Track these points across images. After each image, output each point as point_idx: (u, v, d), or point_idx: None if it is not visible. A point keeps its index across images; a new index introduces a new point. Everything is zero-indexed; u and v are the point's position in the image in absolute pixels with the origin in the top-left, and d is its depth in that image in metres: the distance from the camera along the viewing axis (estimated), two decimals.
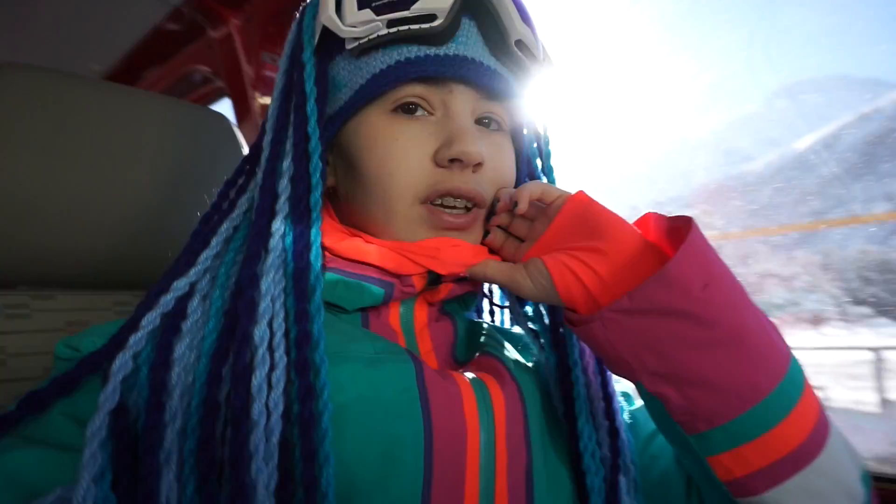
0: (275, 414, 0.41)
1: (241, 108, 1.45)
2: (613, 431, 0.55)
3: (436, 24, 0.51)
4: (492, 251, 0.59)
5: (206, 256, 0.52)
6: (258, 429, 0.39)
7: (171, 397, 0.42)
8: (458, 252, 0.54)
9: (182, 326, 0.46)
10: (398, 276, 0.53)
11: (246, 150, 0.86)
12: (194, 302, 0.48)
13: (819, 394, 0.48)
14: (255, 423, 0.39)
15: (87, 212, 0.70)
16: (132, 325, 0.47)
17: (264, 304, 0.44)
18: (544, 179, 0.63)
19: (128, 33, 1.44)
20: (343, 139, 0.56)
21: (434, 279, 0.54)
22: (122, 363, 0.44)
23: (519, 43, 0.55)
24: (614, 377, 0.57)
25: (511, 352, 0.59)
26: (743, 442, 0.44)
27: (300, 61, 0.54)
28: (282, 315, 0.45)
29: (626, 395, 0.65)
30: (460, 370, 0.54)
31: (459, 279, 0.56)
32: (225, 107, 1.52)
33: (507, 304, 0.68)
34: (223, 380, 0.43)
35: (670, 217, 0.50)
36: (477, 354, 0.58)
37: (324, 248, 0.52)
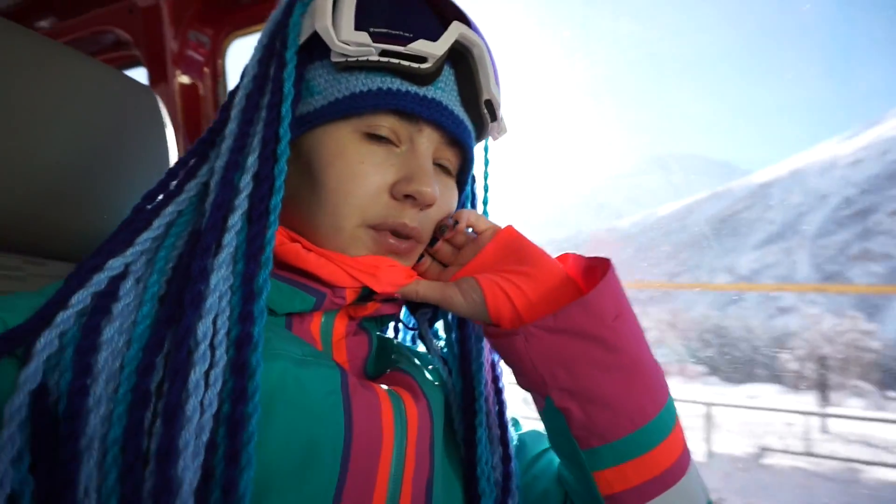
0: (207, 412, 0.41)
1: (158, 83, 1.38)
2: (506, 458, 0.59)
3: (425, 66, 0.53)
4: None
5: (145, 238, 0.51)
6: (190, 425, 0.39)
7: (95, 382, 0.41)
8: (395, 272, 0.56)
9: (112, 308, 0.45)
10: (332, 286, 0.54)
11: (171, 131, 0.85)
12: (127, 284, 0.47)
13: None
14: (188, 420, 0.39)
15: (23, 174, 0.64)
16: (60, 300, 0.45)
17: (211, 300, 0.44)
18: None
19: None
20: (305, 145, 0.55)
21: (364, 295, 0.56)
22: (46, 342, 0.42)
23: (487, 102, 0.59)
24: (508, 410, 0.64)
25: (421, 370, 0.62)
26: (626, 459, 0.51)
27: (282, 58, 0.54)
28: (227, 313, 0.45)
29: (514, 421, 0.70)
30: (376, 382, 0.56)
31: (388, 299, 0.59)
32: (137, 75, 1.36)
33: (417, 327, 0.70)
34: (156, 369, 0.42)
35: (587, 257, 0.57)
36: (388, 370, 0.61)
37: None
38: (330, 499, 0.45)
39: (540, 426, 0.63)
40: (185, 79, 1.40)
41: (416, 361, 0.64)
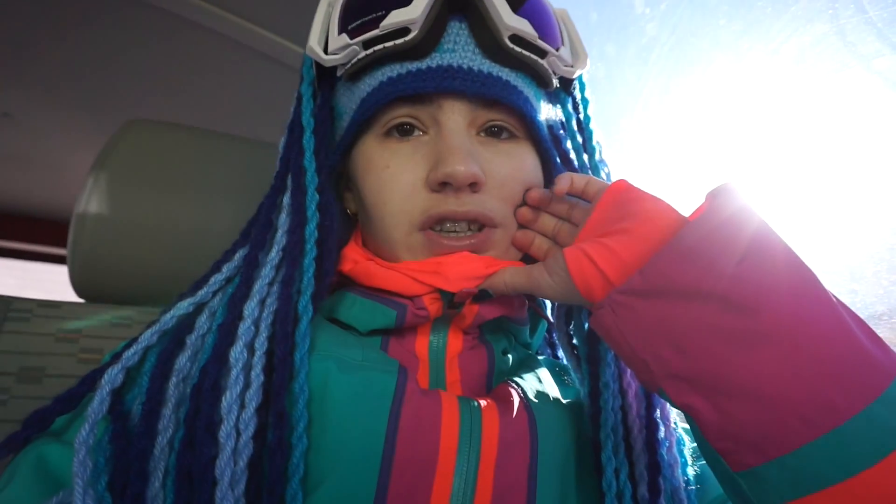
0: (244, 435, 0.40)
1: None
2: (654, 465, 0.46)
3: (410, 37, 0.48)
4: (525, 259, 0.55)
5: (215, 280, 0.52)
6: (224, 453, 0.39)
7: (166, 405, 0.42)
8: (465, 265, 0.50)
9: (186, 340, 0.46)
10: (409, 297, 0.51)
11: None
12: (202, 318, 0.48)
13: None
14: (221, 447, 0.39)
15: (191, 240, 0.81)
16: (132, 342, 0.48)
17: (244, 326, 0.44)
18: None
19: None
20: (350, 167, 0.55)
21: (450, 302, 0.51)
22: (111, 377, 0.44)
23: (515, 38, 0.50)
24: (665, 409, 0.50)
25: (542, 383, 0.52)
26: (815, 489, 0.32)
27: (298, 94, 0.56)
28: (265, 335, 0.44)
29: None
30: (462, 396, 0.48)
31: (483, 299, 0.52)
32: None
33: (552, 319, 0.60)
34: (202, 397, 0.42)
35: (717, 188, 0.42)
36: (501, 384, 0.51)
37: (345, 273, 0.54)
38: None
39: None
40: None
41: (545, 375, 0.54)
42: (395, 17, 0.48)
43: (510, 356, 0.56)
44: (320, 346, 0.47)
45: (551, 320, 0.60)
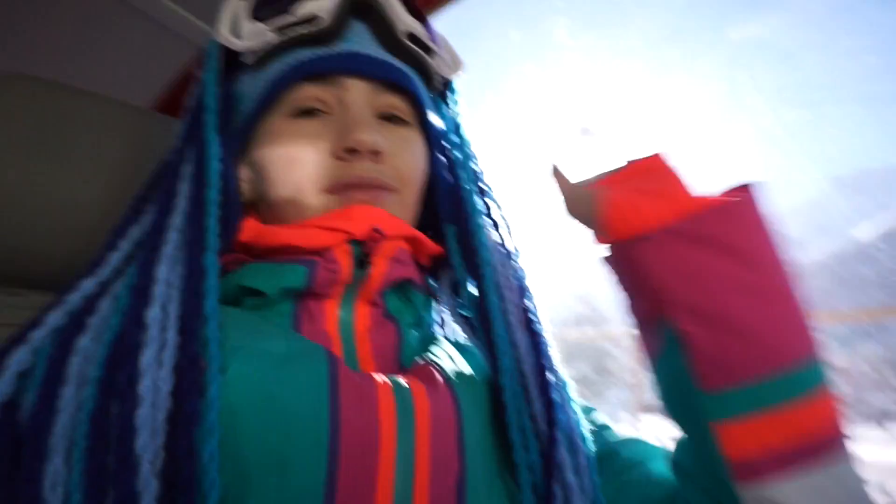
0: (163, 390, 0.40)
1: None
2: (549, 403, 0.51)
3: (320, 24, 0.54)
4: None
5: (114, 258, 0.51)
6: (145, 403, 0.39)
7: (66, 384, 0.41)
8: (374, 212, 0.53)
9: (87, 322, 0.46)
10: (320, 252, 0.51)
11: None
12: (104, 301, 0.48)
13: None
14: (141, 399, 0.39)
15: (63, 215, 0.70)
16: (35, 322, 0.46)
17: (158, 289, 0.45)
18: (462, 174, 0.61)
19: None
20: (253, 149, 0.56)
21: (361, 259, 0.52)
22: (19, 357, 0.43)
23: (410, 36, 0.58)
24: (553, 359, 0.55)
25: (456, 362, 0.55)
26: (763, 408, 0.41)
27: (200, 79, 0.57)
28: (177, 297, 0.45)
29: (587, 409, 0.60)
30: (393, 376, 0.49)
31: (392, 260, 0.53)
32: None
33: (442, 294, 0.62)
34: (118, 365, 0.41)
35: (735, 188, 0.49)
36: (416, 363, 0.54)
37: (246, 244, 0.53)
38: (320, 500, 0.41)
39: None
40: None
41: (456, 354, 0.57)
42: (308, 7, 0.54)
43: (414, 332, 0.58)
44: (240, 343, 0.46)
45: (437, 296, 0.63)
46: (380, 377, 0.48)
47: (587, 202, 0.50)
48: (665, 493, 0.52)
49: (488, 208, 0.61)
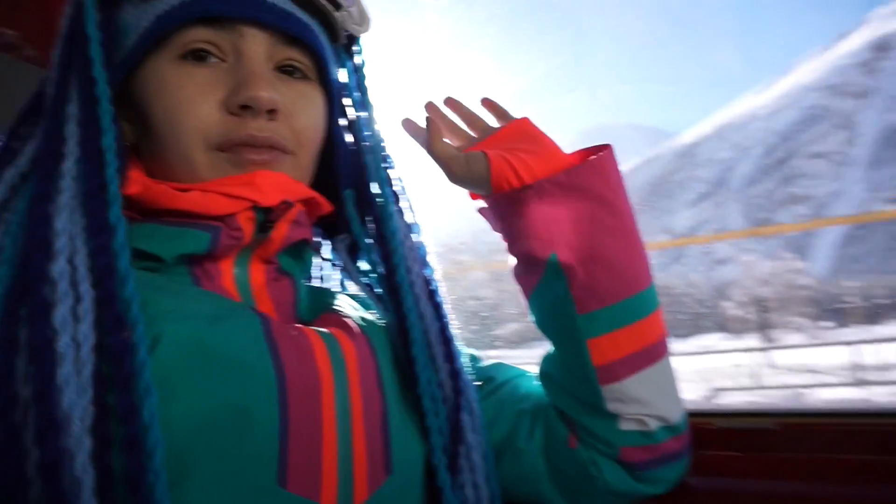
0: (85, 346, 0.39)
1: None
2: (454, 373, 0.56)
3: None
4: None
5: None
6: (66, 361, 0.37)
7: None
8: (279, 179, 0.52)
9: None
10: (222, 218, 0.50)
11: None
12: None
13: None
14: (61, 356, 0.37)
15: None
16: None
17: (61, 242, 0.41)
18: (364, 137, 0.62)
19: None
20: (134, 89, 0.52)
21: (263, 224, 0.52)
22: None
23: None
24: (452, 326, 0.59)
25: (357, 310, 0.60)
26: (621, 325, 0.55)
27: (81, 4, 0.51)
28: (84, 252, 0.42)
29: (473, 358, 0.67)
30: (307, 326, 0.52)
31: (267, 232, 0.53)
32: None
33: (340, 264, 0.66)
34: (21, 320, 0.39)
35: (590, 147, 0.60)
36: (322, 314, 0.57)
37: (132, 198, 0.49)
38: (275, 450, 0.43)
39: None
40: None
41: (353, 303, 0.62)
42: None
43: (306, 286, 0.61)
44: (167, 305, 0.45)
45: (325, 257, 0.68)
46: (307, 327, 0.51)
47: (476, 162, 0.57)
48: (533, 403, 0.63)
49: (390, 177, 0.62)
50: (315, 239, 0.62)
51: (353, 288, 0.68)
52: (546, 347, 0.63)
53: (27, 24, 1.06)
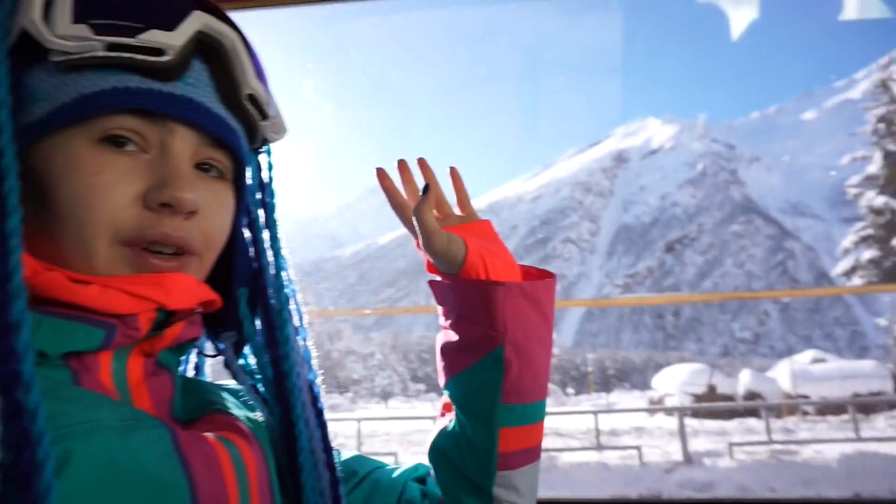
0: None
1: None
2: (335, 481, 0.57)
3: (163, 58, 0.47)
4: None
5: None
6: None
7: None
8: (188, 282, 0.50)
9: None
10: (120, 316, 0.46)
11: None
12: None
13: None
14: None
15: None
16: None
17: None
18: (266, 233, 0.61)
19: None
20: (34, 160, 0.47)
21: (161, 322, 0.49)
22: None
23: (250, 97, 0.53)
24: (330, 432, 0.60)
25: (240, 408, 0.58)
26: (526, 423, 0.62)
27: None
28: None
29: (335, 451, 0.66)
30: (199, 429, 0.50)
31: (165, 327, 0.50)
32: None
33: (221, 357, 0.62)
34: None
35: (534, 268, 0.69)
36: (207, 412, 0.54)
37: None
38: None
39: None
40: None
41: (232, 398, 0.60)
42: (156, 37, 0.47)
43: (180, 378, 0.58)
44: (72, 415, 0.42)
45: (208, 353, 0.66)
46: (209, 434, 0.49)
47: (455, 244, 0.62)
48: (397, 495, 0.67)
49: (284, 282, 0.61)
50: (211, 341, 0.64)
51: (219, 375, 0.68)
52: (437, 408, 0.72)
53: None
